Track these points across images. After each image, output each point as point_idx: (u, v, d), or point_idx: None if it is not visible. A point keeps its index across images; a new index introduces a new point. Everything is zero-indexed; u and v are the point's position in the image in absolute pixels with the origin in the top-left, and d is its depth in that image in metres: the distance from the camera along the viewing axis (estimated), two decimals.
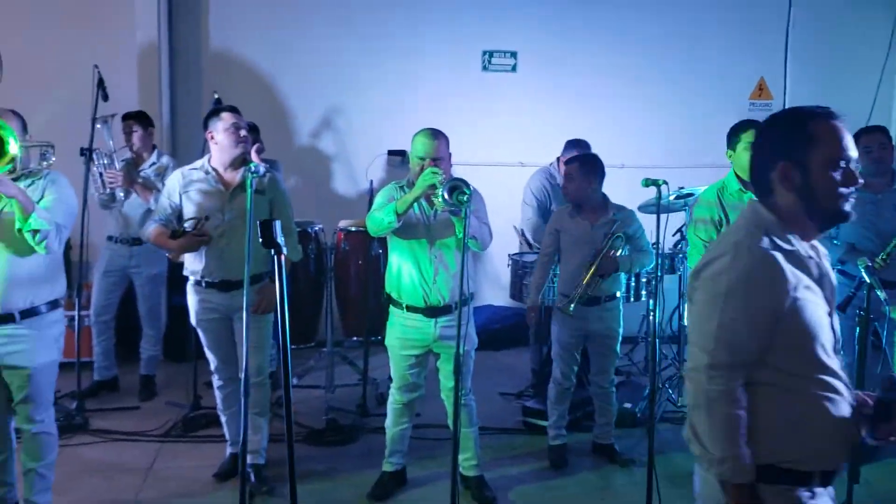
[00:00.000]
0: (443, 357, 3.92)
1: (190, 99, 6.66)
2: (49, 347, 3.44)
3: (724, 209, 4.07)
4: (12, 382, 3.37)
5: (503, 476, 4.31)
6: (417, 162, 3.75)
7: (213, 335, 4.06)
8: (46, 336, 3.42)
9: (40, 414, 3.45)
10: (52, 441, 3.54)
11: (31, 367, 3.35)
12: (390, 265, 3.94)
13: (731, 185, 4.11)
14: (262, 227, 2.34)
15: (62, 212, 3.35)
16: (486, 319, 6.78)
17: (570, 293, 4.28)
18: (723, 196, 4.10)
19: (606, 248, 4.25)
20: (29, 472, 3.49)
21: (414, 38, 6.90)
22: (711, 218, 4.08)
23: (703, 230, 4.10)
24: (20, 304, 3.32)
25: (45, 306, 3.40)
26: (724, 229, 4.07)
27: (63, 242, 3.37)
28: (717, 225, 4.08)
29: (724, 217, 4.07)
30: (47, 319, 3.42)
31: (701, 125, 7.24)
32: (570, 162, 4.47)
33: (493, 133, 7.01)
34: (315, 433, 4.76)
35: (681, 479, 4.30)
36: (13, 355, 3.32)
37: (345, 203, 6.95)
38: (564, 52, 7.08)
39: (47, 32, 6.33)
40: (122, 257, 5.35)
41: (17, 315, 3.31)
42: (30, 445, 3.47)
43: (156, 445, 4.64)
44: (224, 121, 3.93)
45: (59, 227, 3.28)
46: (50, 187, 3.37)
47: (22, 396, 3.38)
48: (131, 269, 5.38)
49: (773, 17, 7.31)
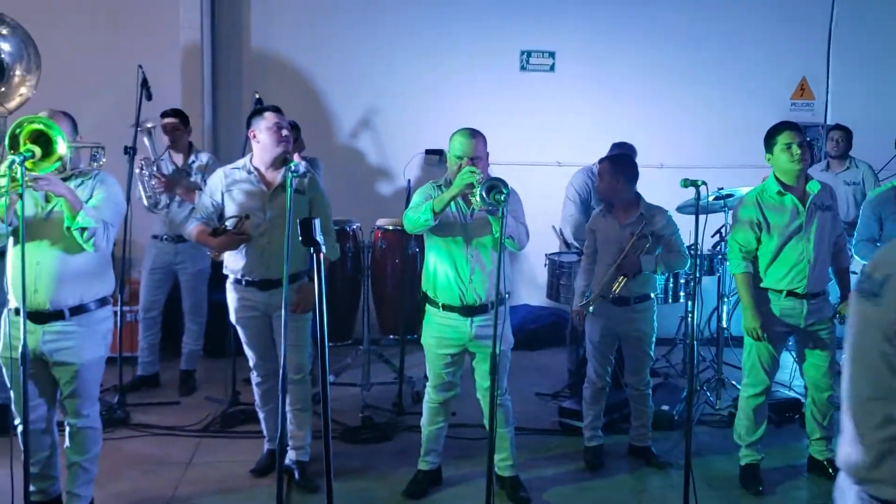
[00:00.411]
0: (479, 356, 3.92)
1: (231, 99, 6.75)
2: (97, 344, 3.50)
3: (763, 213, 4.02)
4: (61, 378, 3.44)
5: (538, 477, 4.30)
6: (455, 161, 3.75)
7: (252, 332, 4.10)
8: (94, 333, 3.48)
9: (86, 409, 3.52)
10: (96, 435, 3.61)
11: (79, 363, 3.41)
12: (427, 264, 3.95)
13: (770, 187, 4.06)
14: (301, 225, 2.36)
15: (110, 210, 3.41)
16: (523, 319, 6.77)
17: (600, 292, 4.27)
18: (762, 199, 4.05)
19: (630, 248, 4.21)
20: (73, 465, 3.56)
21: (452, 38, 6.92)
22: (750, 221, 4.03)
23: (741, 236, 4.06)
24: (70, 301, 3.38)
25: (93, 303, 3.46)
26: (764, 233, 4.02)
27: (111, 240, 3.42)
28: (756, 228, 4.03)
29: (764, 220, 4.02)
30: (96, 316, 3.48)
31: (741, 125, 7.16)
32: (601, 161, 4.46)
33: (531, 132, 7.00)
34: (351, 430, 4.79)
35: (718, 483, 4.27)
36: (62, 351, 3.38)
37: (382, 202, 6.99)
38: (603, 52, 7.05)
39: (93, 34, 6.46)
40: (168, 254, 5.46)
41: (66, 312, 3.37)
42: (75, 440, 3.54)
43: (195, 440, 4.70)
44: (266, 120, 3.96)
45: (106, 225, 3.34)
46: (99, 187, 3.44)
47: (69, 391, 3.45)
48: (176, 265, 5.50)
49: (816, 14, 7.20)
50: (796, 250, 3.99)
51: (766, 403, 4.20)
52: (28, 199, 3.30)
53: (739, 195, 5.40)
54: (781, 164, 4.00)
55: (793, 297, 4.02)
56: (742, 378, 4.27)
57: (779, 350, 4.15)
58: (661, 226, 4.29)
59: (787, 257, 4.00)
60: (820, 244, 4.01)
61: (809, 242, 3.97)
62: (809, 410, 4.28)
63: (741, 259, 4.06)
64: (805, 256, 3.98)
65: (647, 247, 4.23)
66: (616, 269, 4.22)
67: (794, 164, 3.96)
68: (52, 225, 3.33)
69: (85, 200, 3.34)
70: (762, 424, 4.20)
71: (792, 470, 4.44)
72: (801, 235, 3.98)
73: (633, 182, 4.35)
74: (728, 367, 5.63)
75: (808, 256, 3.98)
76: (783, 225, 4.00)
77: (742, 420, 4.23)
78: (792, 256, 4.00)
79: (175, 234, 5.37)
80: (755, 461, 4.23)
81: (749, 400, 4.18)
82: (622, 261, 4.21)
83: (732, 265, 4.11)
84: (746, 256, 4.06)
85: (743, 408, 4.22)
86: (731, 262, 4.13)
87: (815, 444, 4.31)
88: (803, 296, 4.01)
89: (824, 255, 4.06)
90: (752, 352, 4.14)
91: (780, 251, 4.01)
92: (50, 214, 3.34)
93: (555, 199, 5.96)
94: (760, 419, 4.20)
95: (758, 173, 6.61)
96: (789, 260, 4.00)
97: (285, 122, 4.03)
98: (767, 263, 4.05)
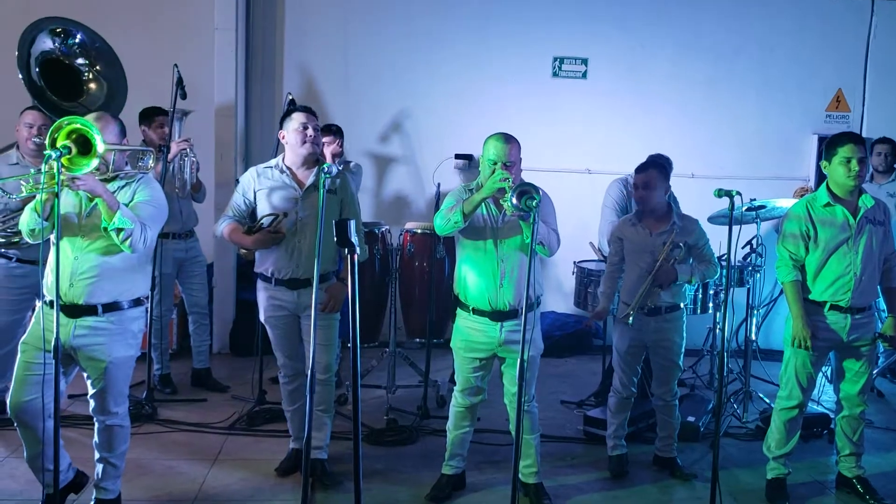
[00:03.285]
0: (507, 361, 3.91)
1: (265, 100, 6.81)
2: (127, 343, 3.52)
3: (812, 223, 3.96)
4: (91, 373, 3.48)
5: (562, 485, 4.28)
6: (489, 165, 3.76)
7: (281, 332, 4.13)
8: (126, 331, 3.51)
9: (115, 406, 3.54)
10: (124, 433, 3.64)
11: (108, 360, 3.44)
12: (459, 267, 3.95)
13: (821, 198, 3.99)
14: (337, 226, 2.38)
15: (149, 212, 3.44)
16: (549, 326, 6.76)
17: (631, 302, 4.25)
18: (812, 209, 3.99)
19: (664, 257, 4.19)
20: (101, 460, 3.60)
21: (484, 44, 6.93)
22: (800, 231, 3.98)
23: (791, 244, 4.00)
24: (104, 299, 3.42)
25: (127, 303, 3.49)
26: (812, 243, 3.96)
27: (149, 242, 3.43)
28: (805, 238, 3.98)
29: (813, 230, 3.95)
30: (128, 315, 3.51)
31: (774, 136, 7.11)
32: (643, 169, 4.39)
33: (562, 139, 6.99)
34: (375, 433, 4.81)
35: (743, 496, 4.23)
36: (92, 347, 3.42)
37: (411, 205, 7.01)
38: (636, 60, 7.02)
39: (130, 33, 6.53)
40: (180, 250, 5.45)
41: (99, 308, 3.41)
42: (103, 436, 3.57)
43: (221, 437, 4.74)
44: (294, 121, 4.00)
45: (143, 226, 3.37)
46: (141, 189, 3.48)
47: (98, 388, 3.49)
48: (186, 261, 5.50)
49: (854, 26, 7.12)
50: (843, 262, 3.92)
51: (799, 418, 4.14)
52: (72, 197, 3.37)
53: (772, 206, 5.36)
54: (837, 176, 3.93)
55: (836, 311, 3.95)
56: (778, 390, 4.22)
57: (818, 366, 4.08)
58: (695, 236, 4.28)
59: (833, 269, 3.93)
60: (869, 258, 3.93)
61: (857, 255, 3.90)
62: (840, 426, 4.21)
63: (791, 267, 4.00)
64: (852, 269, 3.91)
65: (680, 256, 4.21)
66: (652, 279, 4.19)
67: (850, 180, 3.89)
68: (94, 222, 3.37)
69: (126, 203, 3.38)
70: (793, 438, 4.15)
71: (819, 485, 4.38)
72: (849, 248, 3.91)
73: (665, 191, 4.34)
74: (755, 379, 5.58)
75: (856, 269, 3.91)
76: (831, 236, 3.93)
77: (773, 432, 4.18)
78: (838, 268, 3.93)
79: (187, 230, 5.41)
80: (782, 475, 4.18)
81: (782, 413, 4.13)
82: (657, 271, 4.19)
83: (782, 273, 4.03)
84: (796, 265, 4.00)
85: (776, 420, 4.17)
86: (780, 271, 4.05)
87: (845, 460, 4.25)
88: (847, 309, 3.94)
89: (872, 269, 3.97)
90: (790, 365, 4.08)
91: (826, 262, 3.94)
92: (92, 212, 3.38)
93: (585, 207, 5.95)
94: (792, 433, 4.14)
95: (789, 185, 6.58)
96: (835, 272, 3.93)
97: (314, 121, 4.04)
98: (814, 274, 3.98)
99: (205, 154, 6.12)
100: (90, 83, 4.93)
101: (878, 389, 5.99)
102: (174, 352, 6.03)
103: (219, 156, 6.41)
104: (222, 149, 6.44)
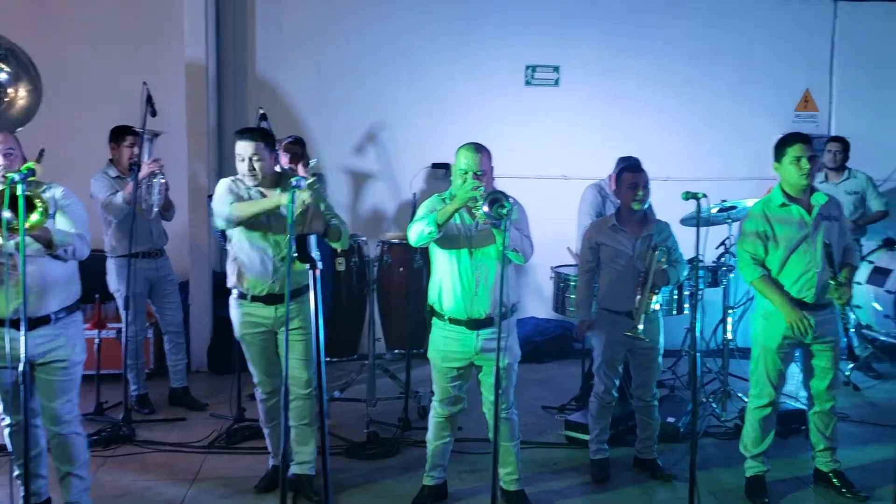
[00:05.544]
0: (485, 370, 3.91)
1: (237, 113, 6.79)
2: (80, 346, 3.61)
3: (770, 223, 4.02)
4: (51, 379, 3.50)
5: (544, 490, 4.29)
6: (460, 175, 3.77)
7: (258, 349, 4.10)
8: (76, 336, 3.60)
9: (68, 413, 3.56)
10: (81, 441, 3.64)
11: (68, 359, 3.52)
12: (433, 277, 3.95)
13: (776, 199, 4.06)
14: (297, 242, 2.37)
15: (78, 222, 3.50)
16: (529, 331, 6.77)
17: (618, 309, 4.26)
18: (768, 210, 4.05)
19: (655, 262, 4.21)
20: (65, 476, 3.58)
21: (457, 53, 6.96)
22: (757, 232, 4.03)
23: (750, 244, 4.05)
24: (53, 307, 3.49)
25: (71, 308, 3.58)
26: (771, 243, 4.01)
27: (89, 245, 3.52)
28: (764, 238, 4.02)
29: (771, 231, 4.01)
30: (75, 320, 3.61)
31: (747, 137, 7.18)
32: (627, 170, 4.38)
33: (537, 146, 7.03)
34: (356, 446, 4.79)
35: (723, 495, 4.26)
36: (54, 351, 3.48)
37: (388, 216, 7.01)
38: (607, 66, 7.08)
39: (99, 50, 6.52)
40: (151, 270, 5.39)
41: (52, 317, 3.48)
42: (60, 450, 3.57)
43: (200, 457, 4.70)
44: (236, 147, 3.92)
45: (80, 236, 3.44)
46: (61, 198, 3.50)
47: (52, 395, 3.51)
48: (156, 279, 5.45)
49: (819, 28, 7.25)
50: (804, 260, 3.97)
51: (773, 415, 4.19)
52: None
53: (742, 207, 5.41)
54: (789, 175, 4.00)
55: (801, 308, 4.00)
56: (749, 389, 4.26)
57: (786, 363, 4.14)
58: (671, 239, 4.34)
59: (795, 267, 3.99)
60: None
61: (817, 251, 3.95)
62: (812, 422, 4.26)
63: (753, 266, 4.04)
64: (813, 266, 3.96)
65: (665, 259, 4.23)
66: (651, 285, 4.20)
67: (802, 179, 3.96)
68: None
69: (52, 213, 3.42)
70: (768, 436, 4.19)
71: (798, 481, 4.41)
72: (809, 245, 3.97)
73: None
74: (734, 378, 5.62)
75: (816, 266, 3.96)
76: (790, 235, 3.99)
77: (748, 431, 4.21)
78: (799, 266, 3.98)
79: (157, 249, 5.38)
80: (761, 473, 4.21)
81: (755, 411, 4.17)
82: (654, 276, 4.20)
83: (747, 274, 4.08)
84: (757, 263, 4.05)
85: (749, 419, 4.21)
86: (744, 272, 4.10)
87: (820, 455, 4.29)
88: (811, 306, 3.99)
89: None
90: (759, 364, 4.13)
91: (787, 261, 4.00)
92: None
93: (561, 212, 5.97)
94: (767, 431, 4.18)
95: (762, 185, 6.64)
96: (797, 269, 3.99)
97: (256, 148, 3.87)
98: (775, 274, 4.04)
99: (178, 173, 6.10)
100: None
101: (854, 383, 6.05)
102: (151, 371, 5.98)
103: (191, 172, 6.38)
104: (194, 165, 6.41)
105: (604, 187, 5.60)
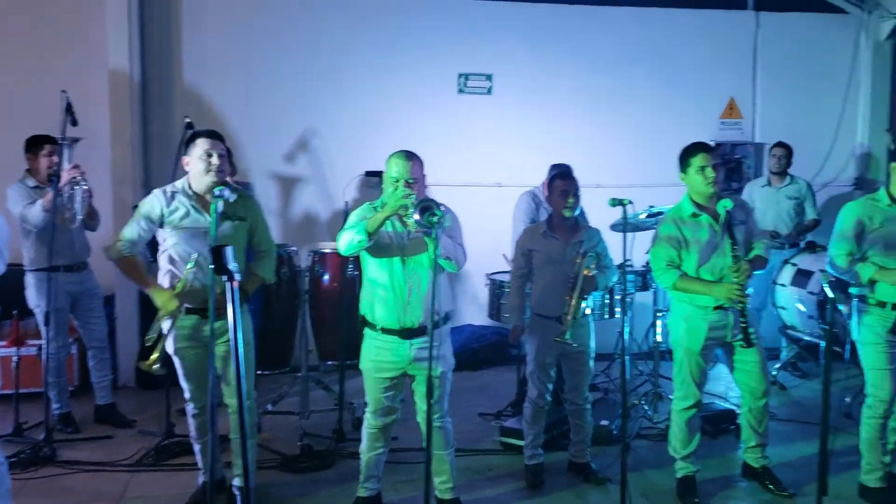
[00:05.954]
0: (418, 379, 3.88)
1: (163, 122, 6.62)
2: None
3: (681, 231, 4.09)
4: None
5: (479, 498, 4.28)
6: (391, 183, 3.75)
7: (190, 363, 3.99)
8: None
9: None
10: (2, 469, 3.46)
11: None
12: (364, 286, 3.91)
13: (685, 209, 4.14)
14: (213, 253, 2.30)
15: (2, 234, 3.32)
16: (466, 339, 6.77)
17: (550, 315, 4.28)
18: (679, 219, 4.13)
19: (584, 268, 4.24)
20: None
21: (390, 61, 6.93)
22: (669, 237, 4.11)
23: (664, 250, 4.13)
24: None
25: None
26: (684, 251, 4.08)
27: (6, 261, 3.30)
28: (678, 245, 4.10)
29: (683, 238, 4.09)
30: None
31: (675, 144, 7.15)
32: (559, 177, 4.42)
33: (470, 154, 7.05)
34: (289, 460, 4.71)
35: (655, 496, 4.31)
36: None
37: (320, 225, 6.93)
38: (539, 75, 7.14)
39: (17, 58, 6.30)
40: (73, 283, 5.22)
41: None
42: None
43: (127, 475, 4.55)
44: (198, 147, 3.86)
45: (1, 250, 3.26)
46: None
47: None
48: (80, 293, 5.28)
49: (742, 38, 7.47)
50: (717, 266, 4.06)
51: (698, 415, 4.27)
52: None
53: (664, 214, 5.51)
54: (696, 185, 4.09)
55: (720, 310, 4.09)
56: (674, 392, 4.33)
57: (708, 363, 4.22)
58: (601, 245, 4.39)
59: (711, 272, 4.07)
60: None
61: (727, 256, 4.01)
62: (745, 418, 4.34)
63: (667, 269, 4.11)
64: (725, 272, 4.03)
65: (595, 265, 4.27)
66: (580, 291, 4.23)
67: (708, 187, 4.05)
68: None
69: None
70: (695, 436, 4.27)
71: (727, 480, 4.50)
72: (719, 252, 4.05)
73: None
74: (665, 380, 5.70)
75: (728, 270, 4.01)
76: (702, 243, 4.07)
77: (675, 433, 4.28)
78: (714, 271, 4.07)
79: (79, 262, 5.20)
80: (691, 473, 4.28)
81: (681, 413, 4.24)
82: (584, 282, 4.23)
83: (664, 280, 4.15)
84: (672, 267, 4.11)
85: (676, 420, 4.28)
86: (661, 279, 4.17)
87: (751, 451, 4.39)
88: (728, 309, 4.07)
89: None
90: (683, 366, 4.21)
91: (702, 267, 4.08)
92: None
93: (497, 220, 5.99)
94: (693, 431, 4.25)
95: None
96: (713, 275, 4.07)
97: (219, 147, 3.89)
98: None
99: (101, 182, 5.93)
100: None
101: (781, 383, 6.22)
102: (76, 388, 5.78)
103: (116, 182, 6.20)
104: (119, 175, 6.23)
105: (537, 194, 5.64)
